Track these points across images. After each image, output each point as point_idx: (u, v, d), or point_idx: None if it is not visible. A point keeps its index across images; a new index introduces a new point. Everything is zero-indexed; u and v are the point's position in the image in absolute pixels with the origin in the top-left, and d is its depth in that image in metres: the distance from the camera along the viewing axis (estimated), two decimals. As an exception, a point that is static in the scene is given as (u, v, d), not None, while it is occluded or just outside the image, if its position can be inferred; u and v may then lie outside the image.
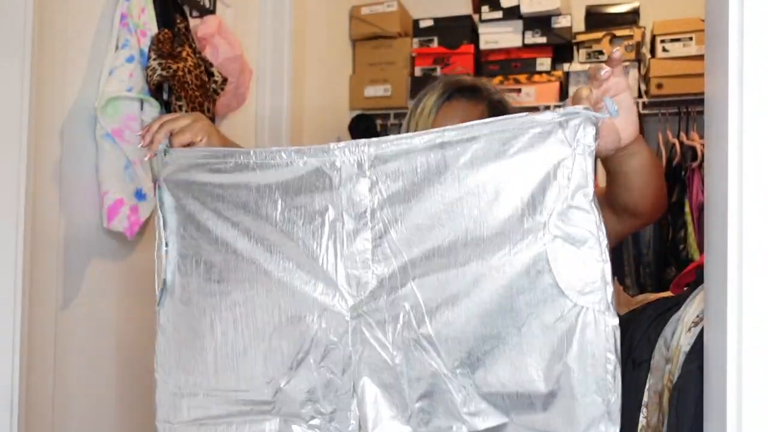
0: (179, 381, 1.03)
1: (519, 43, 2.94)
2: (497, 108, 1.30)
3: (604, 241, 0.80)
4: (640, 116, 2.80)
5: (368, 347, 0.90)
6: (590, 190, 0.80)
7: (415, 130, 1.20)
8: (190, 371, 1.02)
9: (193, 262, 1.01)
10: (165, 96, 1.64)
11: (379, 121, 3.06)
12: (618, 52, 0.85)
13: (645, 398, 1.20)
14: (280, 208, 0.93)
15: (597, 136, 0.80)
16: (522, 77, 2.95)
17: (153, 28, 1.63)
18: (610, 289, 0.80)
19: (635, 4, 2.86)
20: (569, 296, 0.80)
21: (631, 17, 2.85)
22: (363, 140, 0.88)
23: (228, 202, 0.97)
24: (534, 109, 3.09)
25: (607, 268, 0.80)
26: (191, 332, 1.02)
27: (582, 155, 0.79)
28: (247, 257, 0.97)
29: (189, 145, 1.04)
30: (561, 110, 0.80)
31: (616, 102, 0.82)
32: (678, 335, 1.16)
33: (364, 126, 2.98)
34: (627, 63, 2.78)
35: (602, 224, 0.80)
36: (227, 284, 0.99)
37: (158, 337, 1.04)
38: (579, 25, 2.95)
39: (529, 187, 0.81)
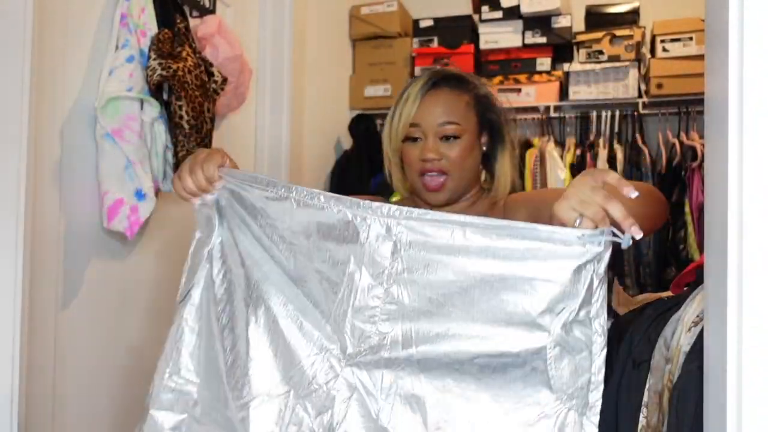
0: (181, 377, 1.06)
1: (519, 43, 2.94)
2: (483, 103, 1.28)
3: (597, 354, 0.85)
4: (640, 116, 2.80)
5: (356, 393, 0.94)
6: (594, 308, 0.83)
7: (400, 118, 1.23)
8: (197, 371, 1.06)
9: (222, 273, 1.05)
10: (165, 96, 1.64)
11: (379, 121, 3.06)
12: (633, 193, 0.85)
13: (645, 398, 1.20)
14: (308, 246, 0.97)
15: (609, 259, 0.82)
16: (522, 77, 2.95)
17: (153, 28, 1.63)
18: (593, 396, 0.87)
19: (635, 4, 2.86)
20: (558, 397, 0.86)
21: (631, 17, 2.85)
22: (396, 207, 0.92)
23: (265, 225, 1.01)
24: (534, 110, 3.08)
25: (594, 378, 0.86)
26: (207, 335, 1.05)
27: (595, 274, 0.82)
28: (272, 281, 1.01)
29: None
30: (586, 232, 0.81)
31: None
32: (678, 335, 1.16)
33: (363, 126, 2.98)
34: (627, 63, 2.78)
35: (599, 337, 0.84)
36: (248, 302, 1.02)
37: (180, 331, 1.07)
38: (579, 25, 2.95)
39: (541, 293, 0.84)
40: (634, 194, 0.84)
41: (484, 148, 1.29)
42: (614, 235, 0.80)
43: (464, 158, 1.23)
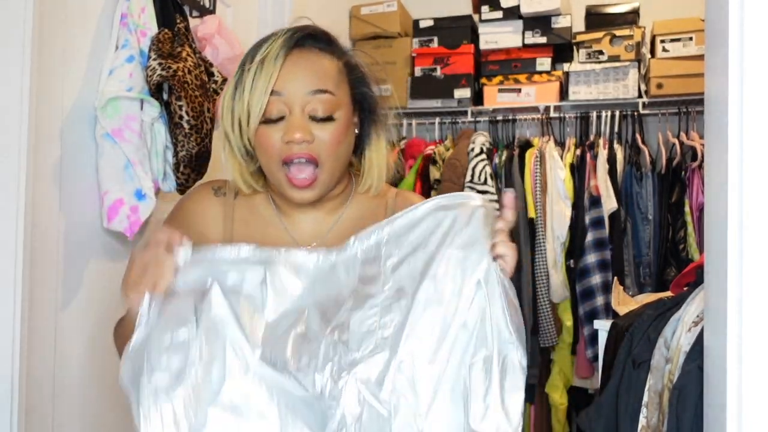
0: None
1: (519, 43, 2.95)
2: (356, 73, 1.05)
3: None
4: (640, 116, 2.80)
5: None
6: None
7: (253, 86, 0.95)
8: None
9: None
10: (165, 96, 1.64)
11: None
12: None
13: (645, 398, 1.20)
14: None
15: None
16: (522, 77, 2.95)
17: (153, 28, 1.63)
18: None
19: (635, 4, 2.86)
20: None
21: (631, 17, 2.85)
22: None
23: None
24: (534, 110, 3.08)
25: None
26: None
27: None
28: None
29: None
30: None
31: None
32: (678, 335, 1.16)
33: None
34: (627, 63, 2.78)
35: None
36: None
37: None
38: (579, 25, 2.95)
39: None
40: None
41: (357, 130, 1.05)
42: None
43: (339, 142, 0.99)
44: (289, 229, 1.05)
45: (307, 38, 1.00)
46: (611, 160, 2.69)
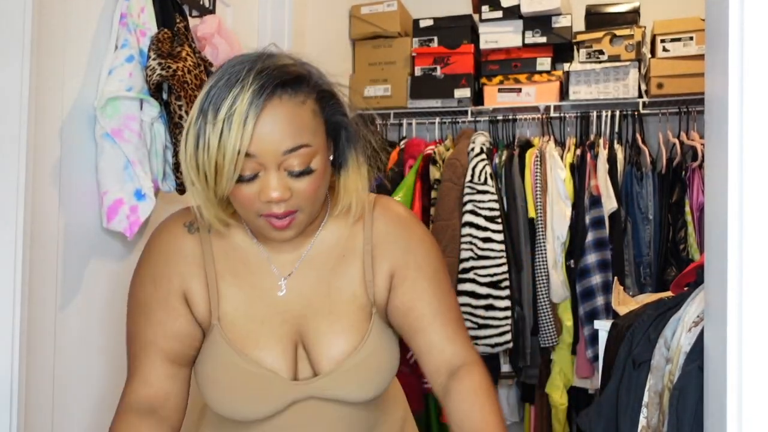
0: None
1: (519, 43, 2.94)
2: (329, 101, 0.99)
3: None
4: (641, 116, 2.80)
5: None
6: None
7: (222, 149, 0.87)
8: None
9: None
10: (164, 96, 1.64)
11: (378, 121, 3.07)
12: None
13: (645, 398, 1.20)
14: None
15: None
16: (522, 77, 2.95)
17: (152, 28, 1.63)
18: None
19: (635, 4, 2.86)
20: None
21: (632, 17, 2.85)
22: None
23: None
24: (534, 110, 3.08)
25: None
26: None
27: None
28: None
29: None
30: None
31: None
32: (678, 335, 1.16)
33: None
34: (627, 62, 2.78)
35: None
36: None
37: None
38: (579, 24, 2.95)
39: None
40: None
41: (331, 156, 1.00)
42: None
43: (318, 188, 0.95)
44: (269, 256, 1.05)
45: (276, 88, 0.89)
46: (611, 159, 2.69)
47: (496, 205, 2.63)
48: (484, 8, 2.97)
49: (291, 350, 1.03)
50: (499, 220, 2.62)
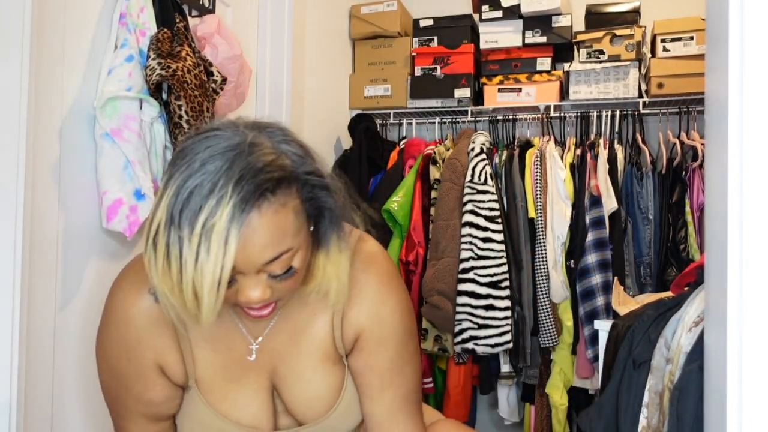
0: None
1: (519, 43, 2.94)
2: (312, 188, 0.88)
3: None
4: (641, 116, 2.80)
5: None
6: None
7: (197, 258, 0.78)
8: None
9: None
10: (164, 96, 1.64)
11: (378, 121, 3.06)
12: None
13: (645, 398, 1.20)
14: None
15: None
16: (522, 77, 2.95)
17: (152, 28, 1.63)
18: None
19: (636, 4, 2.86)
20: None
21: (632, 16, 2.85)
22: None
23: None
24: (534, 110, 3.08)
25: None
26: None
27: None
28: None
29: None
30: None
31: None
32: (678, 335, 1.16)
33: (363, 126, 2.98)
34: (627, 62, 2.78)
35: None
36: None
37: None
38: (579, 24, 2.95)
39: None
40: None
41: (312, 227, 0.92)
42: None
43: (300, 279, 0.91)
44: (239, 320, 1.05)
45: (258, 198, 0.80)
46: (612, 159, 2.69)
47: (496, 205, 2.63)
48: (484, 8, 2.97)
49: (269, 403, 1.05)
50: (499, 220, 2.62)
